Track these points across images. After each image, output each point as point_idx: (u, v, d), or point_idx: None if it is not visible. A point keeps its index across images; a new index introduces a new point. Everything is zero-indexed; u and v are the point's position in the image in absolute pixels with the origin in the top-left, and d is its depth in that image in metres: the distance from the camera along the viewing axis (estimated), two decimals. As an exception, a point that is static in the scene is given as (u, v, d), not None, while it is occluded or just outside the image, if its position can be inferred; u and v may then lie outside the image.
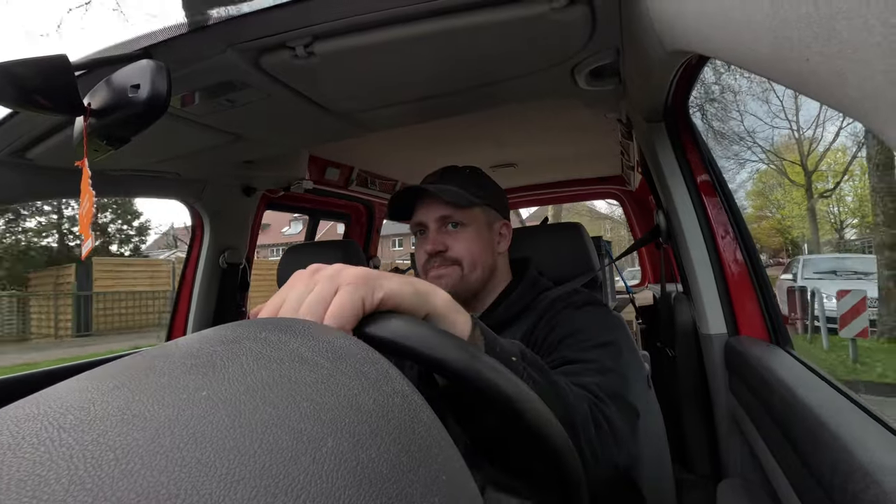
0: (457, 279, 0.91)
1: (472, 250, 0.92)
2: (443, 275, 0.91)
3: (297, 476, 0.18)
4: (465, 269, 0.91)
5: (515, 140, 1.86)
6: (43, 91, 0.57)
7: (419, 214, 0.95)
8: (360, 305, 0.36)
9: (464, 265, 0.91)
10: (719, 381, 1.01)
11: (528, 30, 0.76)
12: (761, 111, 13.32)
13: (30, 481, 0.16)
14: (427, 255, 0.92)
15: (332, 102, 1.01)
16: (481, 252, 0.93)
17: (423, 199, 0.95)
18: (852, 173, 15.41)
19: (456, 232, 0.92)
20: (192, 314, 1.61)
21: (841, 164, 15.05)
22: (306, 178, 1.74)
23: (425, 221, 0.94)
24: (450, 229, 0.93)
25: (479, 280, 0.93)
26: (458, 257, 0.91)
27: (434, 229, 0.93)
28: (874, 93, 0.24)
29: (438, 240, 0.92)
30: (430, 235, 0.93)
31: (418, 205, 0.96)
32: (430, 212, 0.93)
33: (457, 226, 0.93)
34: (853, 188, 15.47)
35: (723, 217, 1.05)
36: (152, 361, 0.24)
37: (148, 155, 1.18)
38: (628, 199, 2.97)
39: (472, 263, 0.92)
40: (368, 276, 0.39)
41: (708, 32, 0.43)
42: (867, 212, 15.42)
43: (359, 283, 0.37)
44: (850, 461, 0.47)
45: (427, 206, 0.94)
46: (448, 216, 0.92)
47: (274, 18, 0.69)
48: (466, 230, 0.93)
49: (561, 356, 0.76)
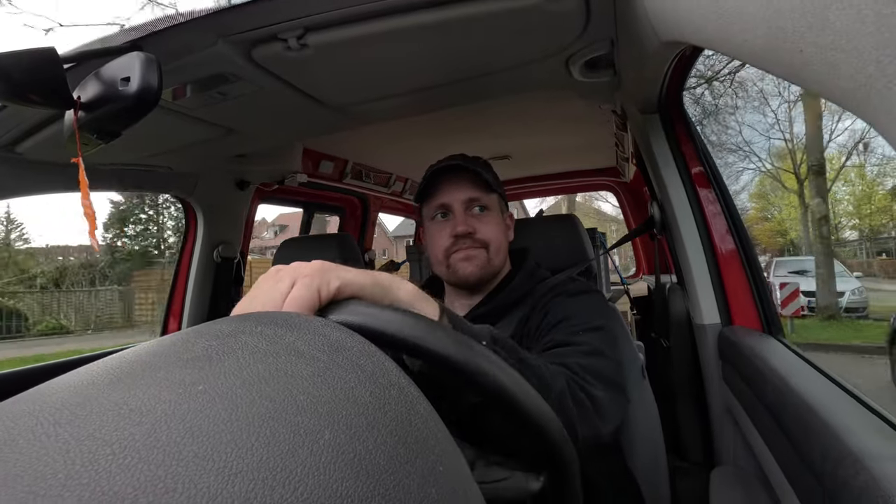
0: (484, 261, 0.90)
1: (497, 235, 0.92)
2: (472, 256, 0.90)
3: (294, 469, 0.18)
4: (490, 252, 0.91)
5: (510, 132, 1.86)
6: (31, 84, 0.56)
7: (444, 195, 0.92)
8: (316, 295, 0.38)
9: (490, 248, 0.91)
10: (713, 370, 1.02)
11: (523, 21, 0.75)
12: (758, 124, 13.95)
13: (26, 476, 0.16)
14: (454, 237, 0.90)
15: (325, 95, 1.01)
16: (503, 238, 0.94)
17: (448, 181, 0.92)
18: (846, 177, 16.30)
19: (482, 215, 0.92)
20: (187, 309, 1.60)
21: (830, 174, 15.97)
22: (300, 172, 1.73)
23: (451, 203, 0.91)
24: (476, 212, 0.92)
25: (499, 265, 0.93)
26: (487, 240, 0.90)
27: (461, 211, 0.91)
28: (867, 83, 0.24)
29: (468, 221, 0.90)
30: (458, 217, 0.90)
31: (442, 186, 0.92)
32: (457, 193, 0.91)
33: (483, 209, 0.92)
34: (831, 195, 16.50)
35: (717, 208, 1.05)
36: (148, 356, 0.24)
37: (139, 149, 1.17)
38: (623, 191, 2.97)
39: (497, 248, 0.92)
40: (324, 267, 0.40)
41: (701, 23, 0.43)
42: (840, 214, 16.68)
43: (314, 275, 0.39)
44: (840, 448, 0.47)
45: (454, 188, 0.91)
46: (476, 198, 0.91)
47: (266, 10, 0.68)
48: (491, 214, 0.93)
49: (552, 339, 0.76)
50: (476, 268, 0.90)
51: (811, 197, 9.48)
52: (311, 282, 0.38)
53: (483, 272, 0.91)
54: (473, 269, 0.90)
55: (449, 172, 0.92)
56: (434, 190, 0.93)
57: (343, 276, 0.40)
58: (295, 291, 0.38)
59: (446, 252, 0.91)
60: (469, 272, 0.90)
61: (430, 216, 0.95)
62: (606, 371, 0.71)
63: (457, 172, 0.91)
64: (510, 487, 0.47)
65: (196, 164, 1.42)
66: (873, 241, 16.85)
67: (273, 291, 0.38)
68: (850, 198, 17.12)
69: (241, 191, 1.65)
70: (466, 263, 0.90)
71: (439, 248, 0.92)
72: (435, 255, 0.95)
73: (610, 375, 0.71)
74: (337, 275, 0.40)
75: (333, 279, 0.39)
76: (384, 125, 1.26)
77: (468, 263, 0.90)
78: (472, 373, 0.36)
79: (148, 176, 1.36)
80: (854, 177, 16.84)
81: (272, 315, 0.30)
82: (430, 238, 0.96)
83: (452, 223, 0.91)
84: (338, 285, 0.39)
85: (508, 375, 0.38)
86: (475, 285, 0.93)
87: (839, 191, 16.74)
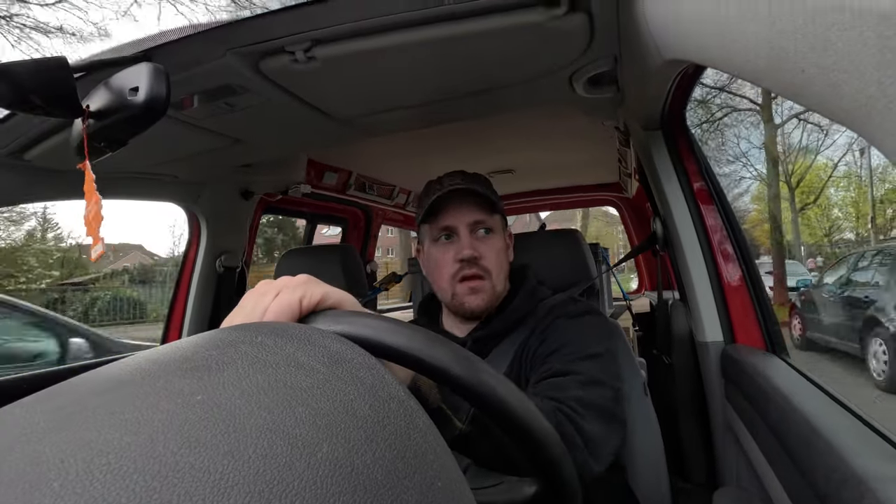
0: (490, 292, 0.88)
1: (500, 260, 0.90)
2: (478, 288, 0.87)
3: (291, 482, 0.18)
4: (494, 279, 0.89)
5: (514, 146, 1.87)
6: (41, 93, 0.57)
7: (448, 218, 0.89)
8: (298, 304, 0.38)
9: (493, 276, 0.88)
10: (715, 388, 1.01)
11: (528, 37, 0.76)
12: (754, 138, 14.58)
13: (20, 483, 0.15)
14: (459, 261, 0.87)
15: (331, 107, 1.02)
16: (505, 261, 0.91)
17: (453, 202, 0.89)
18: (837, 184, 17.12)
19: (487, 238, 0.89)
20: (188, 318, 1.60)
21: (817, 184, 16.71)
22: (304, 183, 1.74)
23: (456, 226, 0.89)
24: (481, 235, 0.89)
25: (503, 291, 0.91)
26: (490, 268, 0.88)
27: (466, 234, 0.88)
28: (868, 103, 0.24)
29: (474, 245, 0.87)
30: (464, 240, 0.88)
31: (446, 207, 0.89)
32: (462, 215, 0.88)
33: (488, 232, 0.90)
34: (819, 205, 17.48)
35: (719, 225, 1.05)
36: (148, 365, 0.24)
37: (146, 157, 1.18)
38: (625, 206, 2.98)
39: (499, 274, 0.89)
40: (309, 279, 0.41)
41: (704, 42, 0.44)
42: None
43: (298, 285, 0.40)
44: (844, 470, 0.47)
45: (459, 210, 0.88)
46: (481, 221, 0.89)
47: (274, 23, 0.69)
48: (495, 237, 0.90)
49: (550, 368, 0.76)
50: (483, 301, 0.88)
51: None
52: (294, 290, 0.39)
53: (489, 304, 0.89)
54: (480, 302, 0.88)
55: (457, 192, 0.89)
56: (437, 210, 0.90)
57: (327, 288, 0.41)
58: (278, 299, 0.39)
59: (451, 279, 0.89)
60: (475, 305, 0.88)
61: (433, 237, 0.92)
62: (603, 402, 0.70)
63: (462, 193, 0.89)
64: (504, 492, 0.46)
65: (201, 173, 1.43)
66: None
67: (258, 305, 0.39)
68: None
69: (245, 200, 1.66)
70: (473, 297, 0.88)
71: (444, 273, 0.89)
72: (439, 282, 0.91)
73: (607, 406, 0.71)
74: (321, 286, 0.41)
75: (316, 291, 0.39)
76: (388, 138, 1.27)
77: (475, 297, 0.88)
78: (475, 389, 0.36)
79: (153, 184, 1.37)
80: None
81: (272, 325, 0.30)
82: (431, 261, 0.92)
83: (457, 246, 0.88)
84: (320, 296, 0.39)
85: (510, 391, 0.37)
86: (476, 317, 0.91)
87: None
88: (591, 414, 0.67)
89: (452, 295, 0.89)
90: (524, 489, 0.44)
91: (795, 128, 14.43)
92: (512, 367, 0.85)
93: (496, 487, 0.47)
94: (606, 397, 0.72)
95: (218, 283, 1.65)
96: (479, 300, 0.88)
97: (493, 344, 0.90)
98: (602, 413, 0.69)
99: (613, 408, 0.72)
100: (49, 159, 1.00)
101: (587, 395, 0.69)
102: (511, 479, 0.47)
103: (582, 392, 0.69)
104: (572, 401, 0.67)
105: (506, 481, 0.47)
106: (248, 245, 1.78)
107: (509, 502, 0.45)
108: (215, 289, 1.65)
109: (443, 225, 0.90)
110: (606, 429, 0.68)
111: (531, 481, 0.44)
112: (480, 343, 0.90)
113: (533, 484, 0.44)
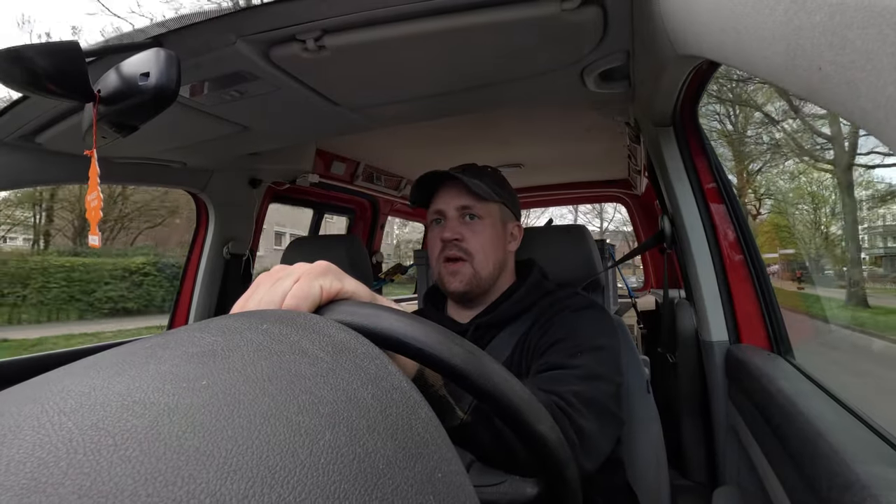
0: (469, 275, 0.92)
1: (484, 245, 0.93)
2: (457, 271, 0.92)
3: (293, 468, 0.18)
4: (476, 264, 0.92)
5: (523, 140, 1.86)
6: (54, 76, 0.58)
7: (439, 202, 0.96)
8: (318, 291, 0.37)
9: (475, 259, 0.92)
10: (719, 388, 1.01)
11: (540, 30, 0.75)
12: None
13: (29, 463, 0.16)
14: (443, 242, 0.93)
15: (341, 97, 1.01)
16: (493, 248, 0.94)
17: (445, 188, 0.96)
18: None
19: (473, 223, 0.94)
20: (195, 304, 1.61)
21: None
22: (312, 172, 1.74)
23: (445, 209, 0.95)
24: (467, 220, 0.94)
25: (490, 276, 0.94)
26: (472, 250, 0.92)
27: (453, 217, 0.94)
28: (886, 103, 0.24)
29: (456, 228, 0.93)
30: (448, 223, 0.94)
31: (440, 193, 0.97)
32: (450, 200, 0.94)
33: (474, 218, 0.94)
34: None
35: (728, 224, 1.04)
36: (154, 349, 0.24)
37: (155, 143, 1.18)
38: (634, 203, 2.96)
39: (483, 259, 0.93)
40: (329, 267, 0.40)
41: (719, 38, 0.43)
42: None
43: (318, 273, 0.38)
44: (847, 474, 0.46)
45: (448, 195, 0.95)
46: (468, 207, 0.93)
47: (285, 11, 0.68)
48: (483, 223, 0.94)
49: (549, 361, 0.76)
50: (460, 283, 0.92)
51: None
52: (315, 278, 0.38)
53: (468, 287, 0.92)
54: (458, 284, 0.92)
55: (447, 179, 0.95)
56: (434, 195, 0.98)
57: (346, 279, 0.40)
58: (297, 285, 0.37)
59: (437, 259, 0.95)
60: (454, 287, 0.93)
61: (429, 221, 1.00)
62: (600, 397, 0.70)
63: (454, 179, 0.94)
64: (506, 492, 0.46)
65: (210, 160, 1.44)
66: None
67: (274, 290, 0.38)
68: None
69: (253, 189, 1.67)
70: (452, 278, 0.93)
71: (433, 253, 0.96)
72: (432, 262, 0.98)
73: (603, 402, 0.70)
74: (340, 277, 0.40)
75: (336, 281, 0.39)
76: (397, 129, 1.27)
77: (453, 278, 0.92)
78: (489, 393, 0.35)
79: (162, 170, 1.37)
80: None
81: (278, 313, 0.30)
82: (428, 242, 1.00)
83: (442, 228, 0.94)
84: (339, 287, 0.39)
85: (523, 399, 0.37)
86: (461, 299, 0.96)
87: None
88: (588, 410, 0.67)
89: (439, 275, 0.96)
90: (526, 490, 0.44)
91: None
92: (513, 356, 0.86)
93: (498, 486, 0.47)
94: (605, 393, 0.71)
95: (225, 270, 1.66)
96: (457, 282, 0.92)
97: (494, 332, 0.91)
98: (599, 409, 0.69)
99: (611, 404, 0.72)
100: (60, 143, 1.01)
101: (585, 390, 0.69)
102: (514, 479, 0.47)
103: (580, 386, 0.69)
104: (570, 395, 0.66)
105: (508, 480, 0.47)
106: (256, 233, 1.79)
107: (512, 502, 0.45)
108: (222, 275, 1.66)
109: (435, 209, 0.97)
110: (602, 426, 0.68)
111: (533, 482, 0.44)
112: (482, 330, 0.92)
113: (535, 485, 0.44)
